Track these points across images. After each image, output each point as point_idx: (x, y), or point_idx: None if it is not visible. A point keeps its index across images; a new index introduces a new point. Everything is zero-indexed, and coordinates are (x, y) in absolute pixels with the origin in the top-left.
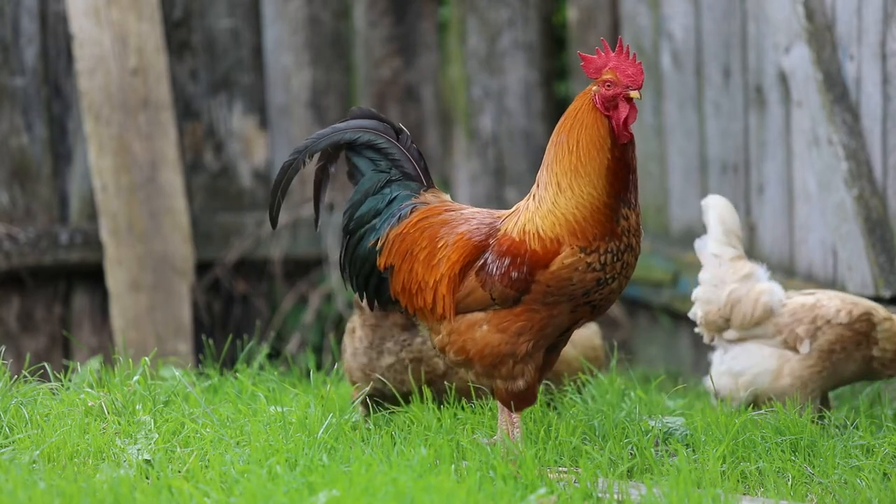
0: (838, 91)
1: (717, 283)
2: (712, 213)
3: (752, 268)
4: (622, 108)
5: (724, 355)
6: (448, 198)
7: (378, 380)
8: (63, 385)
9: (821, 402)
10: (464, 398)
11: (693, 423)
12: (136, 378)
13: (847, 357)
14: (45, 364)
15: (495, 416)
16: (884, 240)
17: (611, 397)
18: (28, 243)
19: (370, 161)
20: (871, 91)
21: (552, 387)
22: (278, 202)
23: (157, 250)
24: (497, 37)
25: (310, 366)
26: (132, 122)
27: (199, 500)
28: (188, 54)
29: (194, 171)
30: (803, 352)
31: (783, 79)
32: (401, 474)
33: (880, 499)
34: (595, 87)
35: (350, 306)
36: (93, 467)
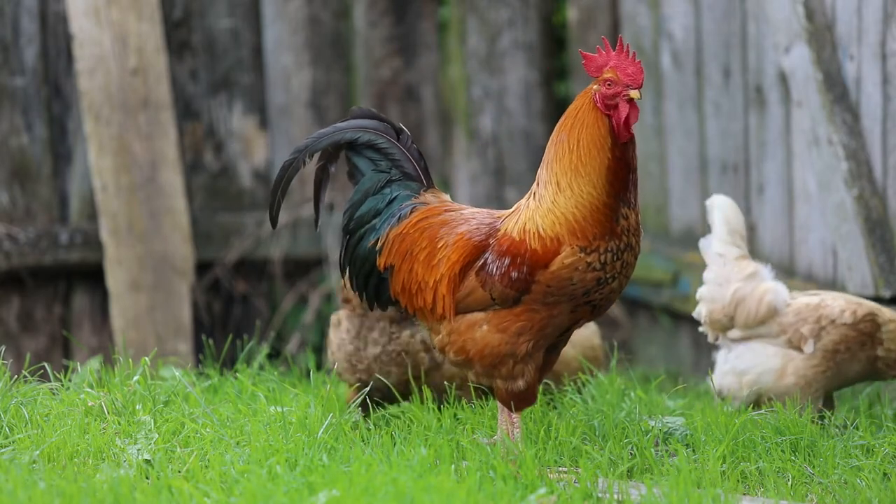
0: (838, 91)
1: (722, 282)
2: (717, 213)
3: (757, 267)
4: (622, 107)
5: (728, 354)
6: (448, 198)
7: (364, 371)
8: (63, 385)
9: (825, 402)
10: (449, 392)
11: (693, 423)
12: (136, 378)
13: (851, 357)
14: (45, 364)
15: (495, 416)
16: (884, 240)
17: (611, 397)
18: (28, 243)
19: (370, 161)
20: (871, 91)
21: (552, 387)
22: (278, 202)
23: (157, 250)
24: (497, 37)
25: (310, 366)
26: (132, 122)
27: (199, 500)
28: (188, 54)
29: (194, 171)
30: (808, 351)
31: (783, 79)
32: (401, 474)
33: (880, 499)
34: (596, 87)
35: None
36: (93, 467)
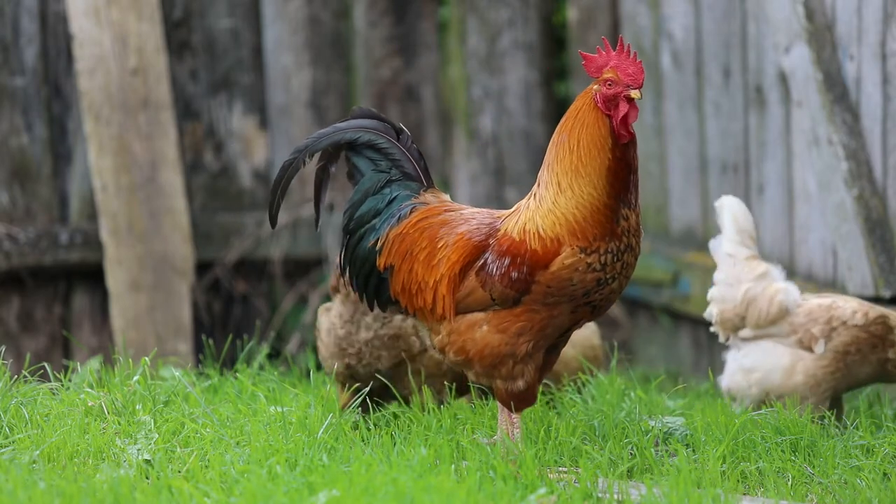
0: (838, 91)
1: (733, 282)
2: (726, 214)
3: (768, 267)
4: (622, 107)
5: (738, 353)
6: (448, 198)
7: (354, 356)
8: (63, 385)
9: (833, 404)
10: (433, 379)
11: (693, 423)
12: (136, 378)
13: (862, 359)
14: (45, 364)
15: (495, 416)
16: (884, 240)
17: (611, 397)
18: (28, 243)
19: (370, 161)
20: (871, 91)
21: (552, 387)
22: (278, 201)
23: (157, 250)
24: (497, 37)
25: (310, 366)
26: (132, 122)
27: (199, 500)
28: (188, 54)
29: (194, 171)
30: (818, 352)
31: (783, 79)
32: (401, 474)
33: (880, 499)
34: (596, 87)
35: None
36: (93, 467)
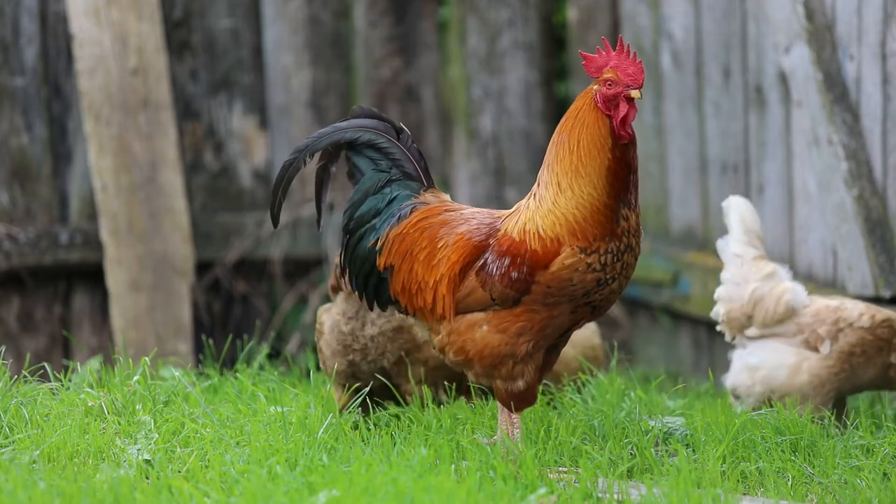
0: (838, 91)
1: (740, 281)
2: (734, 214)
3: (775, 267)
4: (623, 107)
5: (743, 351)
6: (448, 198)
7: (358, 352)
8: (63, 385)
9: (837, 407)
10: (437, 372)
11: (693, 423)
12: (136, 378)
13: (867, 361)
14: (45, 364)
15: (495, 416)
16: (884, 240)
17: (611, 397)
18: (28, 243)
19: (371, 160)
20: (871, 91)
21: (552, 387)
22: (279, 201)
23: (157, 250)
24: (497, 37)
25: (310, 366)
26: (132, 122)
27: (199, 500)
28: (188, 54)
29: (194, 171)
30: (824, 352)
31: (783, 79)
32: (401, 474)
33: (880, 499)
34: (596, 87)
35: None
36: (93, 467)
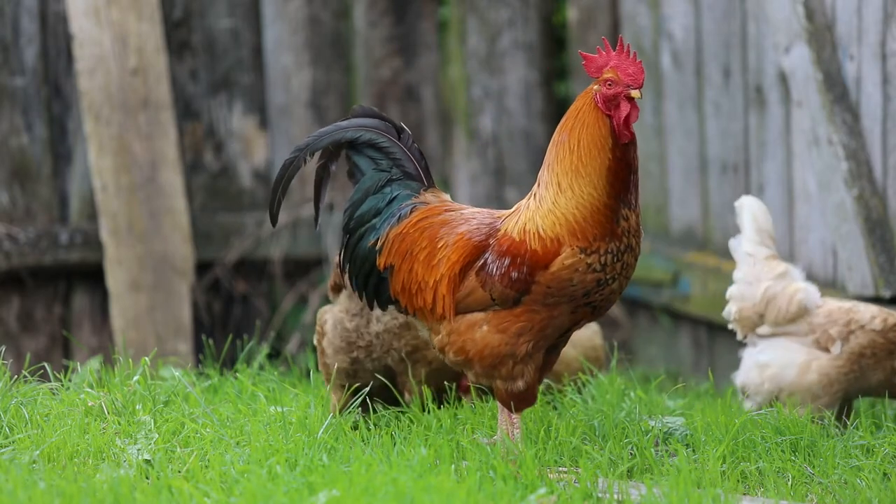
0: (838, 91)
1: (752, 280)
2: (746, 213)
3: (787, 267)
4: (623, 107)
5: (754, 349)
6: (448, 198)
7: (363, 349)
8: (63, 385)
9: (842, 408)
10: (440, 372)
11: (693, 423)
12: (136, 378)
13: (876, 364)
14: (45, 364)
15: (495, 416)
16: (884, 240)
17: (611, 397)
18: (28, 243)
19: (371, 160)
20: (871, 91)
21: (552, 387)
22: (279, 200)
23: (157, 250)
24: (497, 37)
25: (310, 366)
26: (132, 122)
27: (199, 500)
28: (188, 54)
29: (194, 171)
30: (834, 352)
31: (783, 79)
32: (401, 474)
33: (880, 499)
34: (596, 87)
35: None
36: (93, 467)
